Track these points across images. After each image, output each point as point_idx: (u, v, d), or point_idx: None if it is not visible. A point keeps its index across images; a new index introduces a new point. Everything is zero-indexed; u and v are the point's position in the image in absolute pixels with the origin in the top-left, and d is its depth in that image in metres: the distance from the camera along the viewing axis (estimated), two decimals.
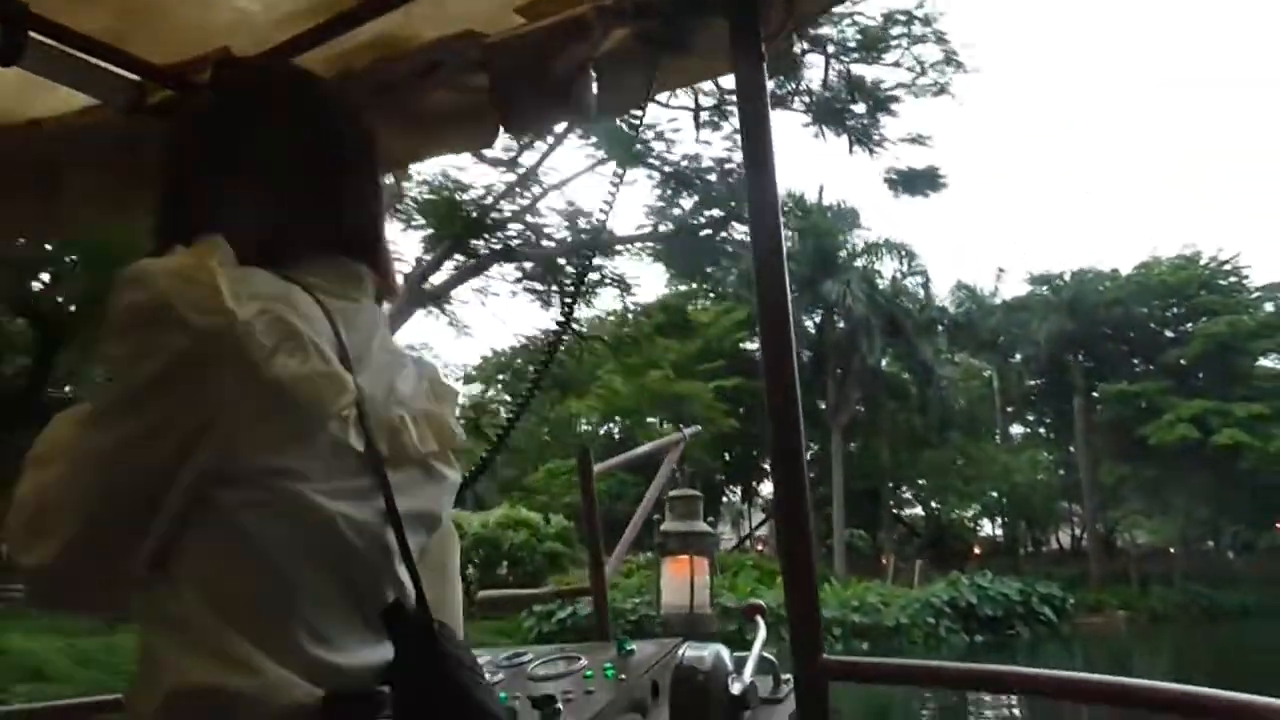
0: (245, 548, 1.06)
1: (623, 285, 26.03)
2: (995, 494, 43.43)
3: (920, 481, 45.00)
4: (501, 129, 1.87)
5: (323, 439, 1.09)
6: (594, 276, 23.53)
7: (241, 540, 1.06)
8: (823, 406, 39.17)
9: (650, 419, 39.94)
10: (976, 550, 44.55)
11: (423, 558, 1.23)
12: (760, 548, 43.97)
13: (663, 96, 16.24)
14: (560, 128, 19.63)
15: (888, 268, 40.75)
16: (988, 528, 48.68)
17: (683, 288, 41.19)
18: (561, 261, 23.64)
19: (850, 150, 23.95)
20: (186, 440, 1.05)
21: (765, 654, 1.99)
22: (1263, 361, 41.53)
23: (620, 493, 37.72)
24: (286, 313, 1.10)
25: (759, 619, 2.12)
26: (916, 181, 25.07)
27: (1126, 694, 1.47)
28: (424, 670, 1.14)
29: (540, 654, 2.14)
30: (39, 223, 2.59)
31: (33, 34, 1.86)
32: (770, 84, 1.69)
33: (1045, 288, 44.21)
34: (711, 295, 41.67)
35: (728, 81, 1.86)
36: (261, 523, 1.06)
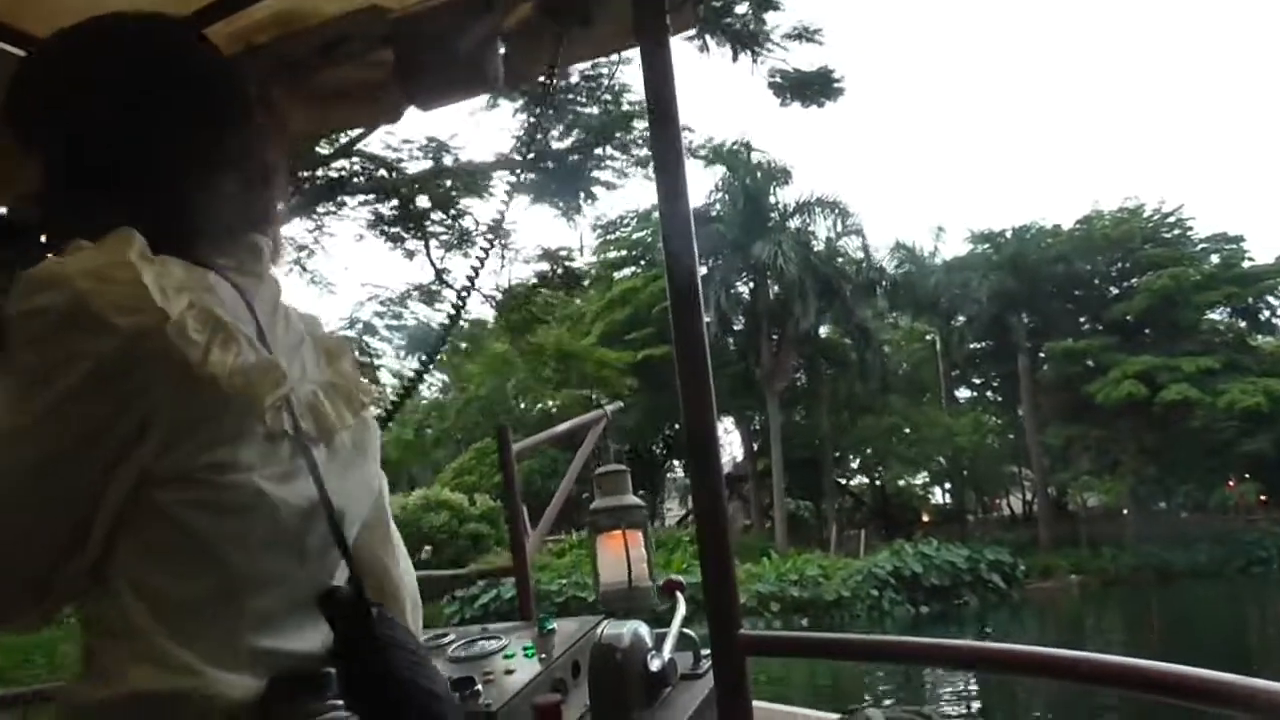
0: (191, 546, 1.10)
1: (498, 232, 24.89)
2: (941, 460, 44.25)
3: (863, 449, 45.68)
4: (407, 103, 1.97)
5: (259, 428, 1.13)
6: (468, 223, 22.22)
7: (187, 539, 1.10)
8: (759, 374, 39.54)
9: (585, 392, 40.04)
10: (924, 518, 45.41)
11: (369, 529, 1.34)
12: None
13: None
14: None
15: (822, 228, 41.02)
16: (935, 495, 49.60)
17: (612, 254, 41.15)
18: (424, 203, 21.87)
19: (735, 57, 22.49)
20: (122, 446, 1.07)
21: (685, 630, 2.10)
22: (1210, 315, 42.62)
23: (553, 470, 37.81)
24: (211, 303, 1.13)
25: (678, 594, 2.24)
26: (807, 86, 23.19)
27: (1040, 663, 1.55)
28: (362, 655, 1.20)
29: (461, 635, 2.24)
30: None
31: None
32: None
33: (987, 245, 44.84)
34: (642, 262, 41.70)
35: None
36: (209, 518, 1.10)
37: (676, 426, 43.46)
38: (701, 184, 53.89)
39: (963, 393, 49.61)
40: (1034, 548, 38.77)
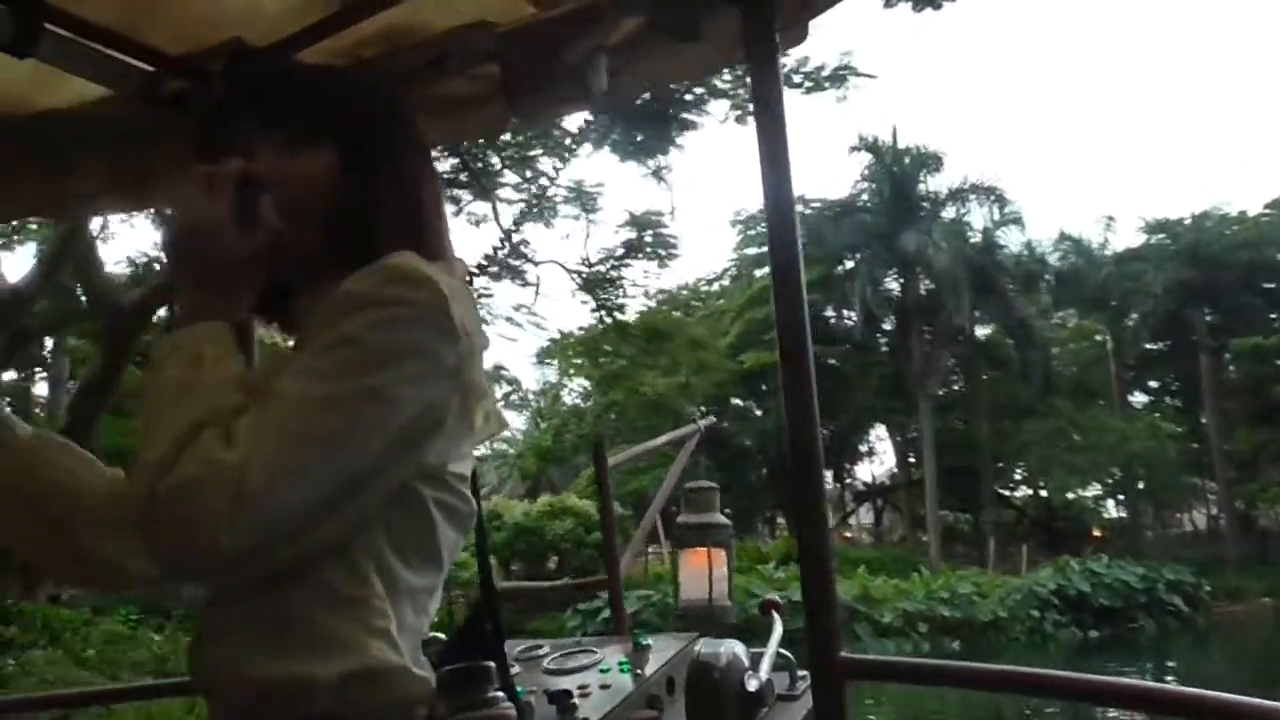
0: (429, 541, 1.31)
1: (582, 196, 23.87)
2: (1113, 469, 42.87)
3: (1026, 457, 44.52)
4: (511, 116, 2.09)
5: (472, 451, 1.38)
6: (546, 185, 21.34)
7: (428, 534, 1.30)
8: (910, 376, 38.96)
9: (736, 399, 40.26)
10: (1094, 533, 44.06)
11: None
12: (848, 535, 44.12)
13: None
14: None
15: (977, 217, 40.18)
16: (1107, 508, 48.09)
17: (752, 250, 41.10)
18: (496, 162, 20.81)
19: None
20: (424, 440, 1.25)
21: (782, 651, 2.17)
22: None
23: (691, 476, 38.04)
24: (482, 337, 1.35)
25: (775, 614, 2.30)
26: None
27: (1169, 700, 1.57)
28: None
29: (557, 647, 2.35)
30: (47, 206, 2.87)
31: (47, 25, 2.10)
32: None
33: (1162, 235, 43.30)
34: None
35: None
36: (445, 520, 1.31)
37: (825, 432, 43.34)
38: (846, 173, 53.50)
39: (1137, 397, 48.07)
40: (1219, 567, 37.24)
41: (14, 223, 17.05)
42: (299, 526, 1.16)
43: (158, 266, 20.81)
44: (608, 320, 26.00)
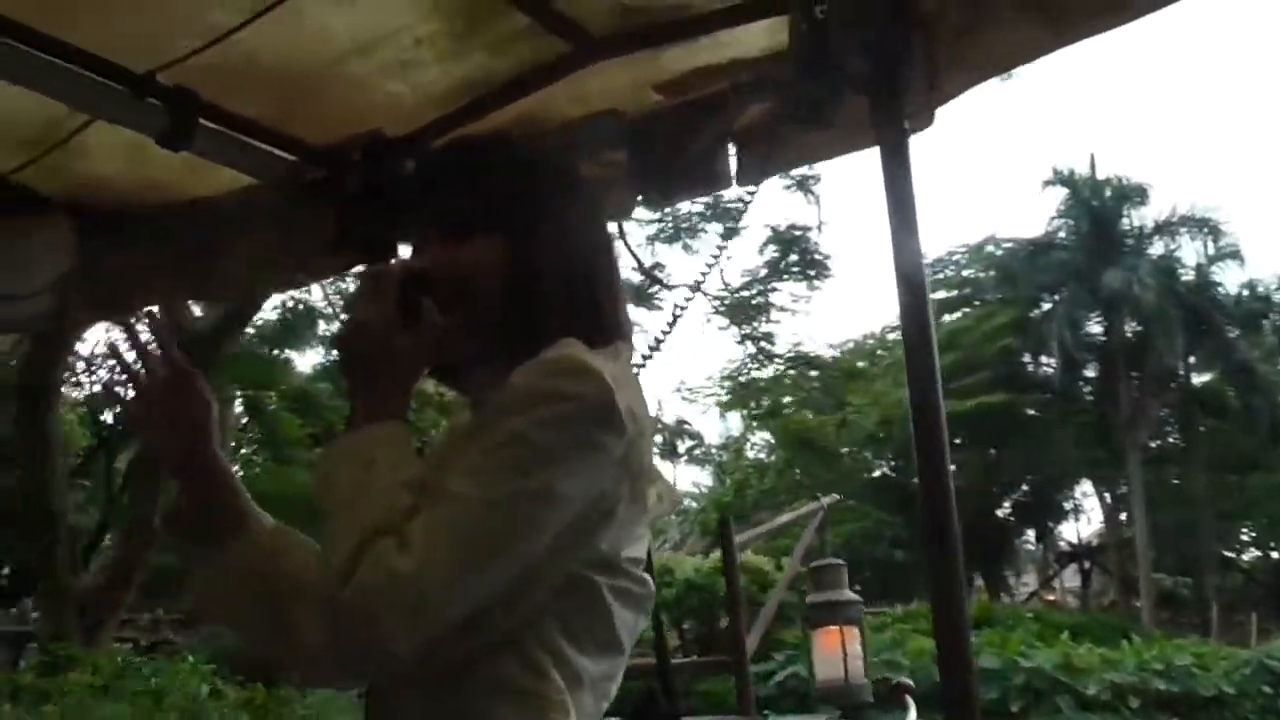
0: (606, 628, 1.33)
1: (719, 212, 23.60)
2: None
3: (1256, 515, 42.36)
4: (636, 200, 2.19)
5: (647, 534, 1.41)
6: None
7: (604, 621, 1.32)
8: (1116, 425, 37.53)
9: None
10: None
11: None
12: (1051, 598, 42.69)
13: None
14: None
15: (1189, 252, 38.53)
16: None
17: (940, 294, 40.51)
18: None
19: None
20: (590, 532, 1.29)
21: None
22: None
23: (878, 534, 37.64)
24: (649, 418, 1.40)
25: (908, 699, 2.30)
26: None
27: None
28: None
29: None
30: (196, 292, 3.09)
31: (201, 120, 2.28)
32: None
33: None
34: (976, 303, 40.76)
35: None
36: (621, 605, 1.33)
37: (1025, 487, 42.17)
38: (1040, 210, 52.07)
39: None
40: None
41: None
42: (475, 625, 1.23)
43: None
44: (750, 349, 25.22)
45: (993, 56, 1.87)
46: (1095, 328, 38.40)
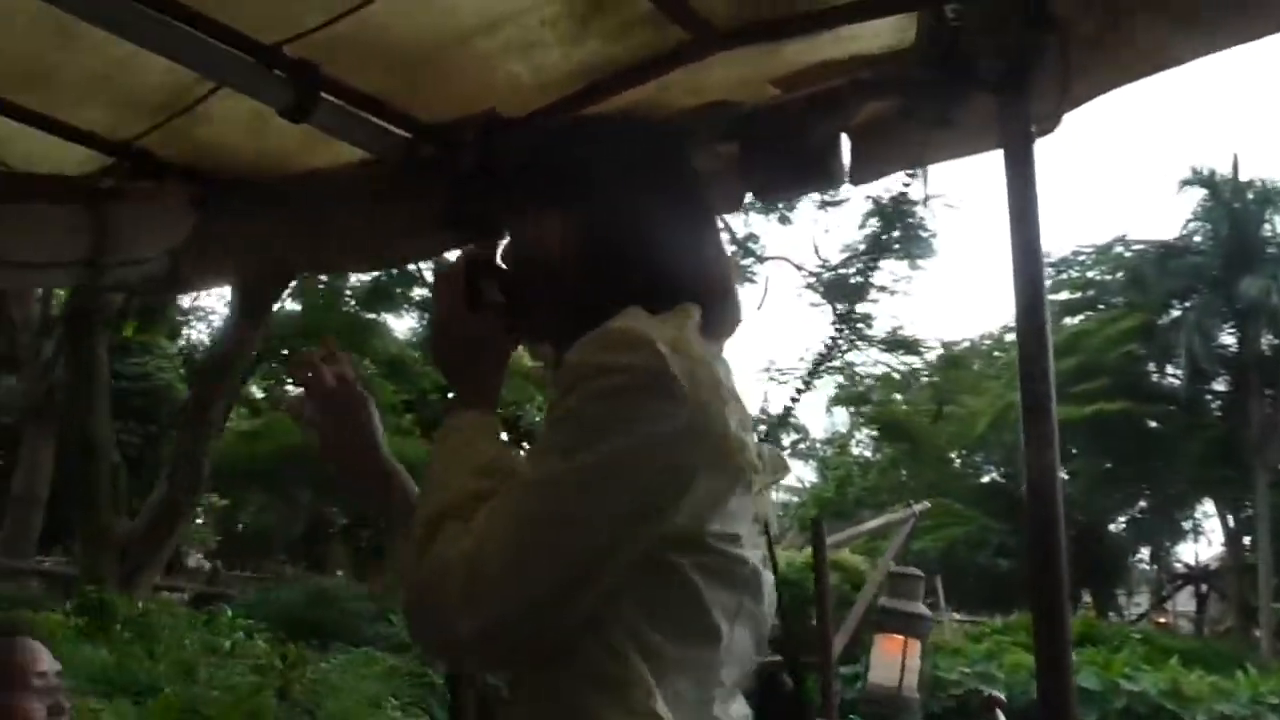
0: (694, 610, 1.30)
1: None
2: None
3: None
4: (745, 193, 2.20)
5: (752, 509, 1.38)
6: None
7: (692, 602, 1.29)
8: (1246, 442, 36.38)
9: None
10: None
11: None
12: (1163, 620, 41.68)
13: None
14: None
15: None
16: None
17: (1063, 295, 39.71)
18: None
19: None
20: (659, 508, 1.26)
21: None
22: None
23: (981, 540, 37.10)
24: (735, 390, 1.35)
25: (999, 713, 2.30)
26: None
27: None
28: None
29: None
30: (309, 263, 3.17)
31: (323, 94, 2.35)
32: None
33: None
34: (1100, 306, 39.84)
35: None
36: (714, 586, 1.30)
37: (1142, 503, 41.22)
38: (1176, 213, 50.54)
39: None
40: None
41: None
42: (537, 608, 1.24)
43: None
44: (844, 331, 24.54)
45: (1128, 64, 1.85)
46: (1228, 339, 37.22)
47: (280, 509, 28.78)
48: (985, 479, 41.13)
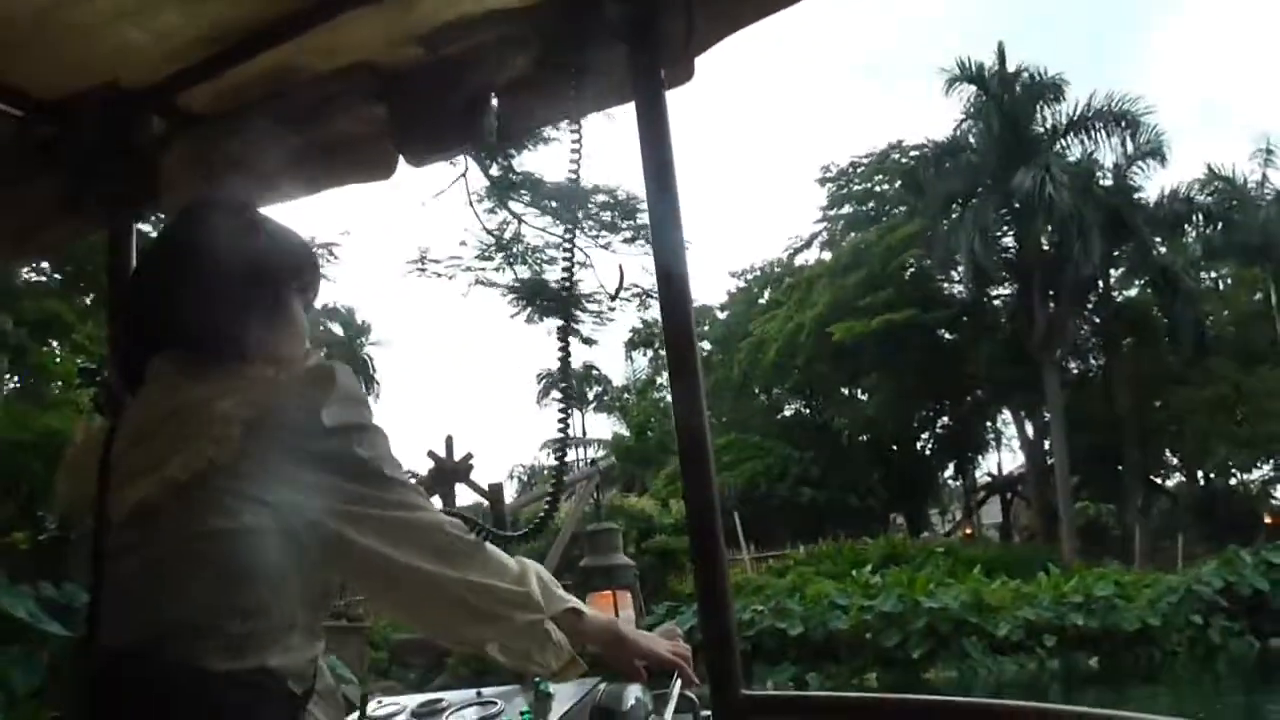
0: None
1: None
2: None
3: (1178, 435, 43.37)
4: (398, 158, 2.27)
5: None
6: None
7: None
8: (1031, 343, 38.06)
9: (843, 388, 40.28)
10: (1267, 519, 42.91)
11: None
12: (968, 531, 43.73)
13: None
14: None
15: (1107, 153, 38.82)
16: None
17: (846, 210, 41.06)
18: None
19: None
20: None
21: (687, 693, 2.32)
22: None
23: (782, 472, 38.21)
24: None
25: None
26: None
27: None
28: None
29: (455, 701, 2.54)
30: None
31: None
32: None
33: None
34: (884, 219, 41.29)
35: None
36: None
37: (945, 417, 43.11)
38: (945, 112, 52.53)
39: None
40: None
41: None
42: None
43: None
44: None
45: (749, 4, 1.98)
46: (1008, 239, 38.98)
47: None
48: (789, 411, 42.48)
